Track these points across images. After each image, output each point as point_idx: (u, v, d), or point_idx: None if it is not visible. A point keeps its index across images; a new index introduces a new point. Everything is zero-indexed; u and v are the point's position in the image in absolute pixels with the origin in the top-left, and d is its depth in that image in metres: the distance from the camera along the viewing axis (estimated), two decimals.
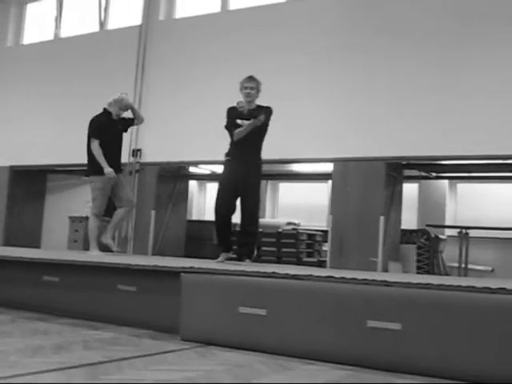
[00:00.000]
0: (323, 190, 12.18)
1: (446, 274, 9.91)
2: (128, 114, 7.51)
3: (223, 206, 6.49)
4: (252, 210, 6.48)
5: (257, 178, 6.62)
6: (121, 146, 7.49)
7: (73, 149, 11.08)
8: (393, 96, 8.54)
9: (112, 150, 7.25)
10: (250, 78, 6.52)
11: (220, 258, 6.61)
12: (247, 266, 5.48)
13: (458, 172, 9.76)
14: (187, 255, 10.58)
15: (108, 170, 7.04)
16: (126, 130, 7.60)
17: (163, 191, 10.14)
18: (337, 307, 4.03)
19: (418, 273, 9.20)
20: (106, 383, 3.14)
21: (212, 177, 12.30)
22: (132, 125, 7.67)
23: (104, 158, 7.07)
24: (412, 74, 8.46)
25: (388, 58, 8.67)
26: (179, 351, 4.18)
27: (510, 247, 10.60)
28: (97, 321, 5.24)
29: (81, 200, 12.66)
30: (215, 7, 10.69)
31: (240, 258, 6.48)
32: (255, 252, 6.56)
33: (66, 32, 12.45)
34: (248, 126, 6.32)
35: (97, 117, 7.32)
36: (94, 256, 6.55)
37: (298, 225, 11.12)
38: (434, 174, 9.97)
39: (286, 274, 4.38)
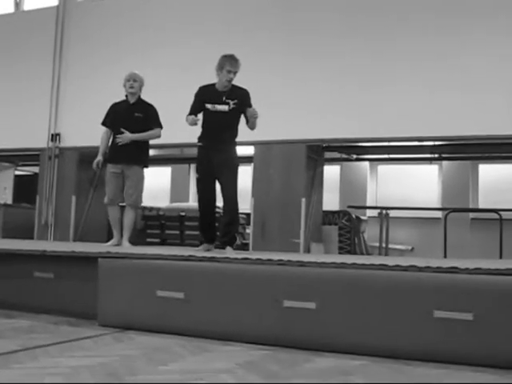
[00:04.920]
0: (247, 173, 12.19)
1: (368, 254, 10.13)
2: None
3: (205, 195, 6.32)
4: (229, 199, 6.22)
5: (233, 165, 6.32)
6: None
7: None
8: (311, 78, 8.58)
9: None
10: (237, 61, 6.03)
11: (200, 247, 6.36)
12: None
13: (379, 154, 9.94)
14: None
15: (96, 159, 6.60)
16: (145, 123, 6.59)
17: (84, 176, 9.92)
18: (254, 288, 4.08)
19: (340, 253, 9.34)
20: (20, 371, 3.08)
21: None
22: (151, 126, 6.61)
23: (108, 144, 6.65)
24: (329, 56, 8.53)
25: (303, 41, 8.73)
26: (96, 337, 4.14)
27: (429, 226, 10.93)
28: (14, 309, 5.14)
29: None
30: None
31: (222, 246, 6.18)
32: (237, 239, 6.34)
33: None
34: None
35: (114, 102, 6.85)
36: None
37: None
38: (354, 156, 10.14)
39: (203, 256, 4.40)
